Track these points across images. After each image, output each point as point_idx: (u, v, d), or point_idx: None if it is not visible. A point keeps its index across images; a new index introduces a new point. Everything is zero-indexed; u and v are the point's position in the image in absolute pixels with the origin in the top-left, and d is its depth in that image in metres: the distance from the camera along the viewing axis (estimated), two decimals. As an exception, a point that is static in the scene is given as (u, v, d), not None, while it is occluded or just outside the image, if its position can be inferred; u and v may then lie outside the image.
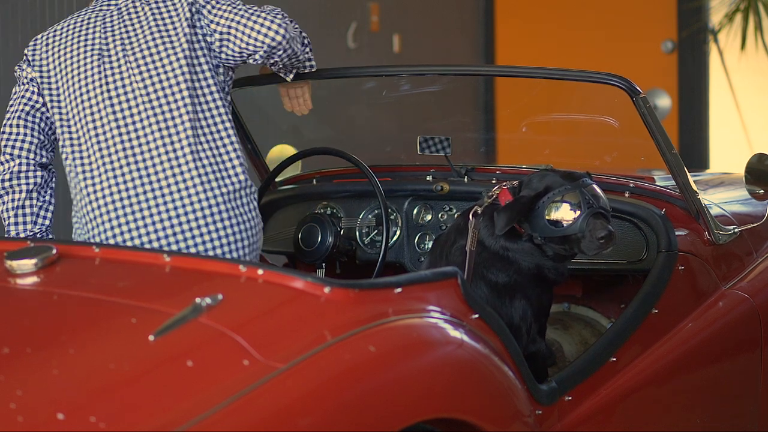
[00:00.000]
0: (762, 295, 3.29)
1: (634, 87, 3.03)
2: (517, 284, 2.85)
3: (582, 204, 2.78)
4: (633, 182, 3.35)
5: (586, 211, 2.77)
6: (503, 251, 2.84)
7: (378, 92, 4.35)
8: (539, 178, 2.84)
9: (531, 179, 2.86)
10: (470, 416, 2.38)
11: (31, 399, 1.99)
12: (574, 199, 2.78)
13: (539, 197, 2.80)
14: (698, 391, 3.11)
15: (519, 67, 3.65)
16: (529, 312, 2.86)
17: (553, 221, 2.79)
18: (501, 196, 2.88)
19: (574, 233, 2.77)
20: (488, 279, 2.85)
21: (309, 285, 2.31)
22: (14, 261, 2.41)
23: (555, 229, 2.78)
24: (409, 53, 6.88)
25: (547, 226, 2.79)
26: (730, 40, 6.81)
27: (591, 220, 2.77)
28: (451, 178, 3.49)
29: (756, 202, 3.67)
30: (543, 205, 2.79)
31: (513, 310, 2.85)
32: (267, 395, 2.06)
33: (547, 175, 2.84)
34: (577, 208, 2.78)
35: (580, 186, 2.79)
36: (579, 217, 2.77)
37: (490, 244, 2.85)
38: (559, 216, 2.78)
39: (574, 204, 2.78)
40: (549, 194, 2.79)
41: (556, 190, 2.79)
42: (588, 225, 2.76)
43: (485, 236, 2.86)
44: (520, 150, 5.95)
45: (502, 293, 2.85)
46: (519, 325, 2.85)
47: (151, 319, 2.20)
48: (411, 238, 3.53)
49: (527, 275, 2.86)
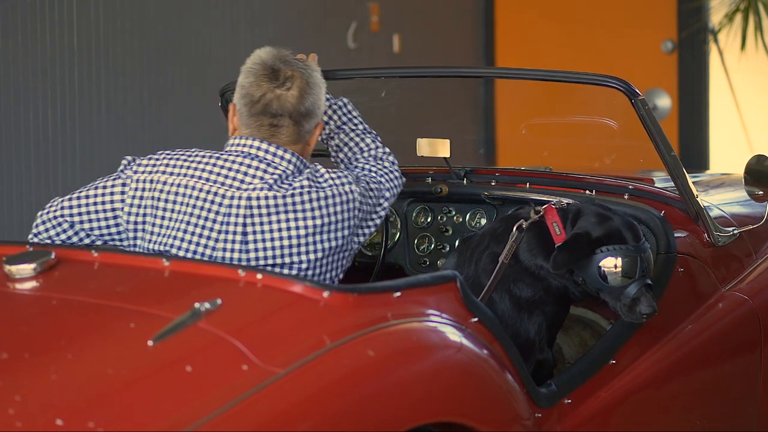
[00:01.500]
0: (761, 297, 3.29)
1: (632, 89, 3.03)
2: (540, 300, 2.87)
3: (637, 270, 2.78)
4: (632, 184, 3.35)
5: (639, 279, 2.78)
6: (537, 269, 2.85)
7: (377, 93, 4.35)
8: (597, 219, 2.82)
9: (586, 214, 2.84)
10: (469, 420, 2.38)
11: (30, 404, 1.99)
12: (632, 263, 2.78)
13: (600, 243, 2.79)
14: (698, 393, 3.11)
15: (517, 69, 3.65)
16: (545, 326, 2.88)
17: (604, 275, 2.79)
18: (547, 214, 2.88)
19: (620, 295, 2.79)
20: (513, 293, 2.86)
21: (308, 289, 2.31)
22: (13, 266, 2.41)
23: (602, 282, 2.79)
24: (409, 53, 6.87)
25: (595, 276, 2.79)
26: (730, 40, 6.80)
27: (642, 291, 2.78)
28: (450, 180, 3.49)
29: (755, 203, 3.67)
30: (600, 255, 2.78)
31: (531, 324, 2.86)
32: (266, 400, 2.06)
33: (607, 217, 2.83)
34: (632, 274, 2.78)
35: (641, 251, 2.80)
36: (631, 283, 2.78)
37: (524, 259, 2.86)
38: (612, 274, 2.78)
39: (630, 268, 2.78)
40: (610, 247, 2.78)
41: (619, 246, 2.78)
42: (636, 294, 2.78)
43: (522, 251, 2.86)
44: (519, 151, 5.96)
45: (523, 307, 2.86)
46: (534, 339, 2.86)
47: (150, 324, 2.20)
48: (410, 240, 3.53)
49: (553, 293, 2.87)
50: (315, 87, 2.85)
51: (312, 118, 2.84)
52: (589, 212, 2.86)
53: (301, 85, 2.82)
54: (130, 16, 5.25)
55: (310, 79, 2.84)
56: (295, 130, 2.82)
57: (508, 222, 2.92)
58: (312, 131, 2.86)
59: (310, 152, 2.89)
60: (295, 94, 2.81)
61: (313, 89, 2.84)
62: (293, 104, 2.81)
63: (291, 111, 2.81)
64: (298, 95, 2.81)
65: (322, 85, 2.88)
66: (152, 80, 5.37)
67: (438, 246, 3.50)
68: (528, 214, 2.91)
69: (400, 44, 6.86)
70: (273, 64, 2.84)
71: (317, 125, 2.87)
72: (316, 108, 2.85)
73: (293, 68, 2.84)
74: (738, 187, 3.75)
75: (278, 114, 2.81)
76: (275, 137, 2.81)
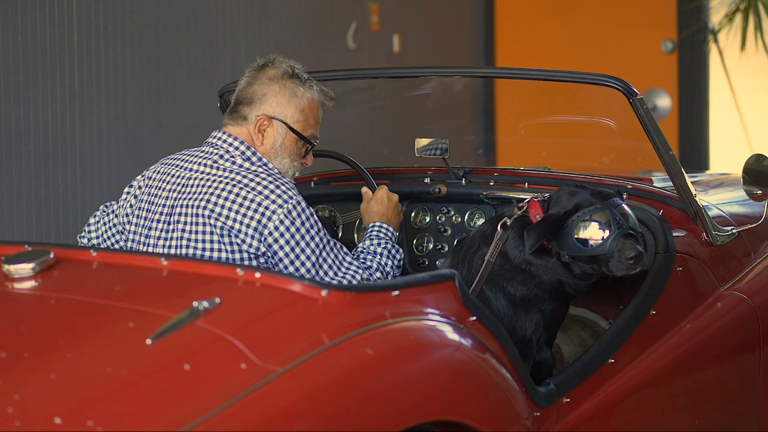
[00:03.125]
0: (760, 296, 3.29)
1: (630, 88, 3.03)
2: (536, 298, 2.86)
3: (612, 224, 2.78)
4: (631, 184, 3.36)
5: (615, 231, 2.78)
6: (526, 265, 2.85)
7: (377, 94, 4.35)
8: (569, 196, 2.84)
9: (560, 196, 2.86)
10: (468, 419, 2.38)
11: (29, 403, 1.99)
12: (604, 219, 2.79)
13: (569, 215, 2.80)
14: (697, 392, 3.11)
15: (517, 69, 3.66)
16: (542, 324, 2.87)
17: (582, 240, 2.79)
18: (530, 208, 2.89)
19: (603, 253, 2.78)
20: (507, 291, 2.86)
21: (306, 288, 2.31)
22: (12, 265, 2.41)
23: (583, 248, 2.79)
24: (409, 53, 6.87)
25: (575, 244, 2.79)
26: (730, 40, 6.80)
27: (621, 240, 2.77)
28: (448, 180, 3.50)
29: (754, 202, 3.67)
30: (572, 223, 2.79)
31: (527, 322, 2.86)
32: (264, 399, 2.06)
33: (577, 192, 2.85)
34: (607, 228, 2.78)
35: (610, 206, 2.80)
36: (608, 237, 2.78)
37: (514, 256, 2.86)
38: (588, 235, 2.79)
39: (604, 224, 2.79)
40: (579, 213, 2.80)
41: (586, 209, 2.79)
42: (617, 245, 2.77)
43: (510, 248, 2.87)
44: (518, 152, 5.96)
45: (519, 305, 2.86)
46: (531, 338, 2.86)
47: (148, 323, 2.20)
48: (409, 240, 3.53)
49: (547, 290, 2.87)
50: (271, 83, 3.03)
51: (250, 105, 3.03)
52: (561, 193, 2.88)
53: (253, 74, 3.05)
54: (130, 16, 5.25)
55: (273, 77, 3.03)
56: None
57: (495, 222, 2.93)
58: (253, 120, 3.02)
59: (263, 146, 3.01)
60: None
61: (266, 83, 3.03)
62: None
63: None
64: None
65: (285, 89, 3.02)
66: (152, 80, 5.38)
67: (436, 246, 3.50)
68: (512, 211, 2.92)
69: (400, 44, 6.86)
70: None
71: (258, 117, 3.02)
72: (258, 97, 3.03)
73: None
74: (736, 187, 3.75)
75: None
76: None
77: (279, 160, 3.02)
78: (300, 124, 3.03)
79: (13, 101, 4.77)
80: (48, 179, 4.88)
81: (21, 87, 4.79)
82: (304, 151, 3.06)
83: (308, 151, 3.07)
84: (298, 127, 3.03)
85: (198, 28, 5.62)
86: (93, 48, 5.10)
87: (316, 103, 3.06)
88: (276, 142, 3.02)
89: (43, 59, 4.86)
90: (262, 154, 3.00)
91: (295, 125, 3.02)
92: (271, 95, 3.02)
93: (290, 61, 3.08)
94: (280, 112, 3.02)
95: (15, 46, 4.76)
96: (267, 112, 3.01)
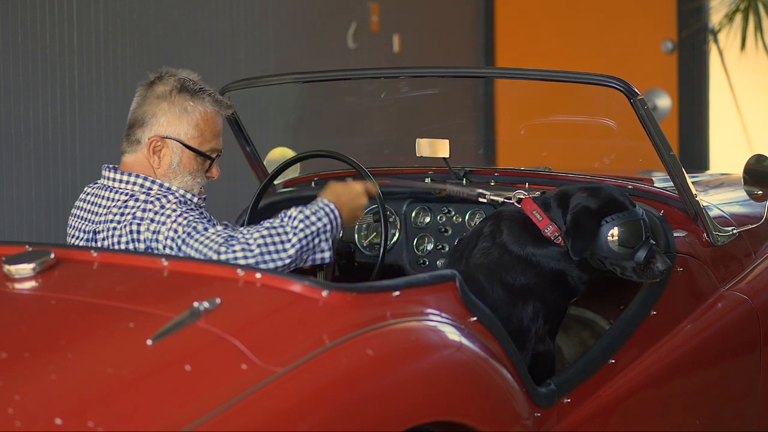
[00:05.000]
0: (761, 297, 3.29)
1: (631, 88, 3.03)
2: (535, 287, 2.89)
3: (644, 233, 2.88)
4: (631, 184, 3.35)
5: (645, 241, 2.88)
6: (529, 256, 2.90)
7: (377, 94, 4.35)
8: (590, 194, 2.90)
9: (575, 191, 2.92)
10: (468, 419, 2.38)
11: (29, 404, 1.99)
12: (638, 228, 2.88)
13: (602, 215, 2.87)
14: (697, 393, 3.11)
15: (517, 69, 3.65)
16: (541, 314, 2.89)
17: (615, 244, 2.86)
18: (525, 205, 2.95)
19: (634, 260, 2.87)
20: (505, 281, 2.88)
21: (307, 288, 2.31)
22: (12, 266, 2.41)
23: (614, 252, 2.86)
24: (409, 53, 6.87)
25: (606, 246, 2.86)
26: (730, 40, 6.80)
27: (653, 250, 2.88)
28: (449, 180, 3.49)
29: (755, 203, 3.67)
30: (607, 226, 2.86)
31: (525, 312, 2.87)
32: (265, 399, 2.06)
33: (598, 188, 2.92)
34: (640, 238, 2.87)
35: (639, 215, 2.89)
36: (641, 246, 2.87)
37: (513, 248, 2.90)
38: (622, 241, 2.87)
39: (638, 232, 2.88)
40: (613, 216, 2.87)
41: (622, 214, 2.87)
42: (648, 254, 2.87)
43: (510, 243, 2.91)
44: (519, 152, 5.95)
45: (517, 295, 2.88)
46: (528, 326, 2.88)
47: (149, 324, 2.20)
48: (409, 241, 3.53)
49: (548, 279, 2.90)
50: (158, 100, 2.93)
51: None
52: (576, 190, 2.94)
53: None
54: (130, 16, 5.25)
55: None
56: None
57: (492, 220, 2.97)
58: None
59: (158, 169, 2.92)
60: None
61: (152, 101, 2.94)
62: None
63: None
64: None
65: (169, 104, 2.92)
66: (152, 80, 5.37)
67: (437, 246, 3.50)
68: (510, 209, 2.98)
69: (400, 44, 6.86)
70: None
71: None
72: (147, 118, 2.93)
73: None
74: (737, 187, 3.76)
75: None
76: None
77: (180, 179, 2.90)
78: (196, 140, 2.90)
79: (13, 101, 4.76)
80: (48, 179, 4.88)
81: (21, 87, 4.79)
82: (207, 166, 2.94)
83: (212, 165, 2.95)
84: (195, 143, 2.90)
85: (198, 28, 5.62)
86: (93, 48, 5.10)
87: (210, 114, 2.92)
88: (173, 162, 2.89)
89: (43, 59, 4.86)
90: (162, 177, 2.89)
91: (190, 142, 2.90)
92: (161, 114, 2.90)
93: (182, 73, 2.95)
94: (173, 130, 2.89)
95: (15, 46, 4.76)
96: (159, 133, 2.90)
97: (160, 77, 2.95)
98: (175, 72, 2.96)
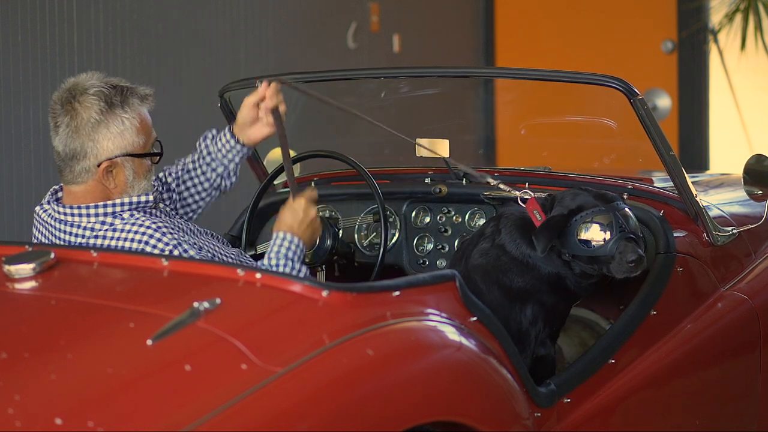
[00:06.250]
0: (761, 296, 3.29)
1: (631, 88, 3.03)
2: (534, 289, 2.89)
3: (614, 226, 2.83)
4: (631, 184, 3.35)
5: (617, 234, 2.83)
6: (525, 257, 2.90)
7: (377, 94, 4.35)
8: (572, 196, 2.89)
9: (564, 196, 2.91)
10: (469, 419, 2.38)
11: (29, 404, 1.99)
12: (606, 221, 2.84)
13: (572, 215, 2.85)
14: (697, 393, 3.11)
15: (517, 69, 3.65)
16: (541, 317, 2.89)
17: (584, 240, 2.84)
18: (529, 205, 2.94)
19: (604, 255, 2.83)
20: (503, 283, 2.88)
21: (307, 288, 2.31)
22: (12, 266, 2.41)
23: (585, 248, 2.84)
24: (409, 53, 6.87)
25: (577, 244, 2.84)
26: (730, 40, 6.80)
27: (622, 243, 2.83)
28: (449, 180, 3.49)
29: (755, 203, 3.67)
30: (575, 223, 2.84)
31: (523, 315, 2.87)
32: (265, 399, 2.06)
33: (579, 193, 2.90)
34: (609, 230, 2.83)
35: (613, 209, 2.85)
36: (610, 239, 2.82)
37: (511, 249, 2.90)
38: (590, 236, 2.84)
39: (606, 226, 2.84)
40: (582, 213, 2.84)
41: (590, 210, 2.84)
42: (618, 248, 2.82)
43: (508, 242, 2.91)
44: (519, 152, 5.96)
45: (515, 298, 2.87)
46: (528, 330, 2.87)
47: (149, 324, 2.20)
48: (409, 241, 3.53)
49: (546, 281, 2.89)
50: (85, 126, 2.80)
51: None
52: (564, 194, 2.93)
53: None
54: (130, 16, 5.25)
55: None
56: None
57: (494, 221, 2.97)
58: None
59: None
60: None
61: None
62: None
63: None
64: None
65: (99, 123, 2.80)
66: (152, 80, 5.37)
67: (437, 246, 3.50)
68: (512, 209, 2.97)
69: (400, 44, 6.86)
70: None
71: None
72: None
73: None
74: (737, 187, 3.75)
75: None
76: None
77: (137, 187, 2.83)
78: (141, 144, 2.83)
79: (13, 101, 4.77)
80: (48, 179, 4.87)
81: (21, 87, 4.79)
82: (157, 160, 2.89)
83: (159, 158, 2.89)
84: (141, 148, 2.83)
85: (198, 28, 5.62)
86: (93, 48, 5.10)
87: (142, 114, 2.84)
88: (128, 177, 2.82)
89: (43, 59, 4.86)
90: (120, 195, 2.82)
91: (137, 149, 2.83)
92: (101, 139, 2.79)
93: (88, 82, 2.80)
94: (119, 147, 2.80)
95: (15, 46, 4.76)
96: (107, 156, 2.80)
97: (75, 100, 2.79)
98: (84, 86, 2.80)
